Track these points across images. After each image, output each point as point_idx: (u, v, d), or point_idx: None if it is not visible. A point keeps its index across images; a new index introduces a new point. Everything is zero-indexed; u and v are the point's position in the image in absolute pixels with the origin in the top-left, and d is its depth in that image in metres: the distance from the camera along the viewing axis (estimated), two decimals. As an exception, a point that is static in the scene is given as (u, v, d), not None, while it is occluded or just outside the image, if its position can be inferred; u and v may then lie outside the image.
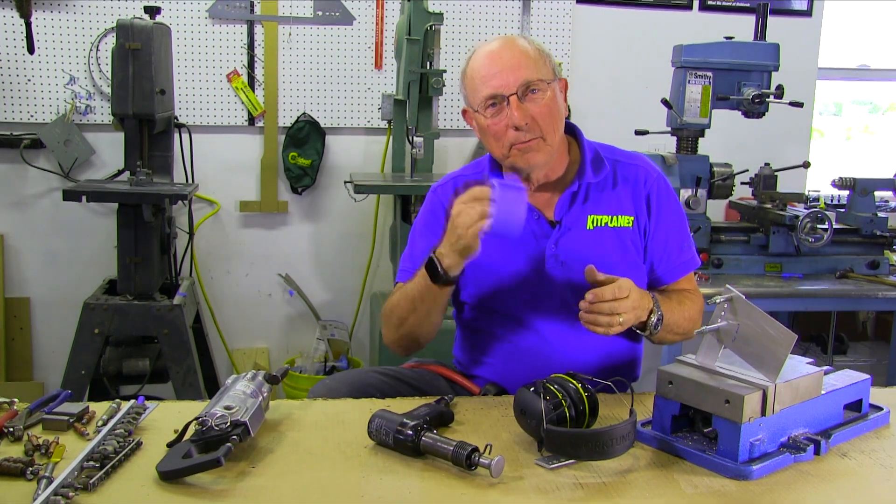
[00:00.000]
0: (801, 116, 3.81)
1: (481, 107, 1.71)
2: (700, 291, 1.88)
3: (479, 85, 1.70)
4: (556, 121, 1.73)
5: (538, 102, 1.68)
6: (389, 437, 1.37)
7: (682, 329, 1.74)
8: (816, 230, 3.00)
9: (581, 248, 1.74)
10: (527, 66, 1.68)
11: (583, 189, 1.78)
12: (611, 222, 1.77)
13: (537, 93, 1.68)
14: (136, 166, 2.93)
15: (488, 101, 1.69)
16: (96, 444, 1.30)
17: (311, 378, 3.45)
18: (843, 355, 3.89)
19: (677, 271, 1.83)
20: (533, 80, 1.68)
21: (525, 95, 1.68)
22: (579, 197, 1.78)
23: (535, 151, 1.71)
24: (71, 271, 3.59)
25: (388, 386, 1.75)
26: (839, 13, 4.25)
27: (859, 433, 1.50)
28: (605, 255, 1.74)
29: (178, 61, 3.44)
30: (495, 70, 1.68)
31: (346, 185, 3.49)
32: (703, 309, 1.83)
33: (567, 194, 1.77)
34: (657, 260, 1.81)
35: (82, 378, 2.82)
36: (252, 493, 1.23)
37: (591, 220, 1.77)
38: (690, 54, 3.04)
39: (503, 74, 1.67)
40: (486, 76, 1.69)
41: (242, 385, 1.44)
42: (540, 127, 1.69)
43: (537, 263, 1.75)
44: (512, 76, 1.67)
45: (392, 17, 3.67)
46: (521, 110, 1.67)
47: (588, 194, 1.78)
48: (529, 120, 1.67)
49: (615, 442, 1.32)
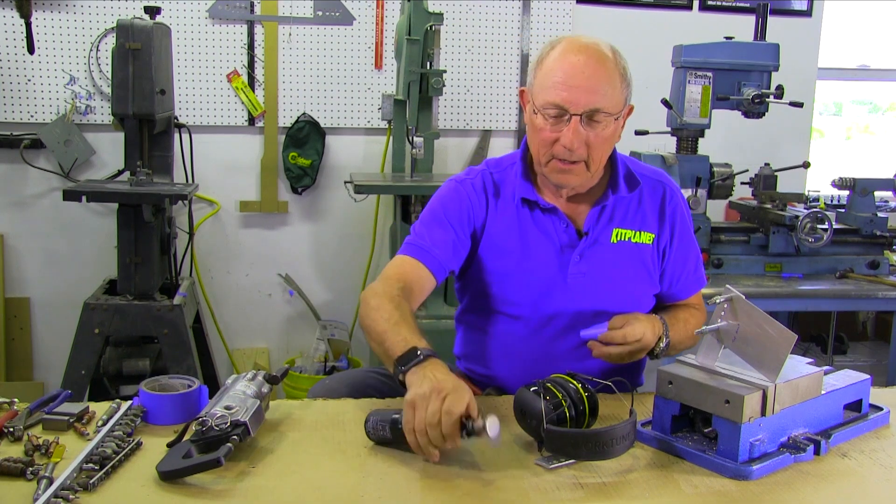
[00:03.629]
0: (801, 116, 3.81)
1: (542, 109, 1.65)
2: (704, 307, 1.90)
3: (549, 87, 1.63)
4: (606, 152, 1.71)
5: (597, 131, 1.64)
6: (387, 430, 1.37)
7: (684, 346, 1.77)
8: (816, 230, 3.00)
9: (603, 260, 1.75)
10: (604, 92, 1.62)
11: (611, 203, 1.77)
12: (634, 238, 1.77)
13: (601, 122, 1.63)
14: (136, 166, 2.93)
15: (551, 108, 1.63)
16: (96, 445, 1.30)
17: (311, 378, 3.45)
18: (843, 355, 3.88)
19: (691, 288, 1.88)
20: (603, 109, 1.62)
21: (588, 121, 1.63)
22: (607, 210, 1.77)
23: (574, 175, 1.69)
24: (71, 271, 3.59)
25: (388, 386, 1.75)
26: (839, 13, 4.25)
27: (859, 433, 1.50)
28: (625, 269, 1.76)
29: (178, 61, 3.44)
30: (572, 83, 1.61)
31: (346, 185, 3.49)
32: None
33: (598, 207, 1.76)
34: (675, 279, 1.84)
35: (82, 378, 2.81)
36: (252, 493, 1.23)
37: (616, 233, 1.77)
38: (690, 54, 3.05)
39: (576, 91, 1.61)
40: (560, 84, 1.62)
41: (242, 385, 1.44)
42: (589, 153, 1.66)
43: (560, 271, 1.74)
44: (584, 98, 1.61)
45: (392, 17, 3.67)
46: (578, 135, 1.62)
47: (615, 208, 1.78)
48: (581, 146, 1.64)
49: (615, 442, 1.32)
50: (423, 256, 1.72)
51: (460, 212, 1.77)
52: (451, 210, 1.78)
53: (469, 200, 1.78)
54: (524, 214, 1.77)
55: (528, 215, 1.77)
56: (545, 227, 1.76)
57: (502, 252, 1.77)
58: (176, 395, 1.47)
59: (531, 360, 1.75)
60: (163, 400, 1.46)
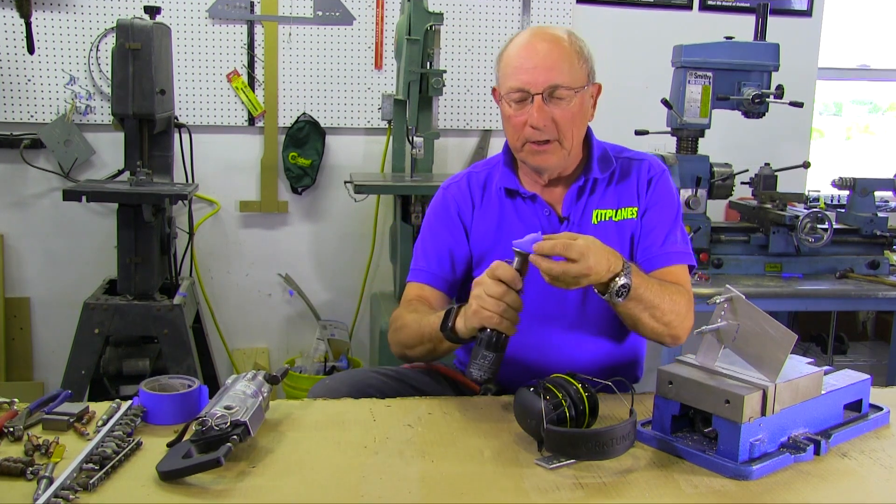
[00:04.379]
0: (801, 116, 3.81)
1: (507, 96, 1.71)
2: (692, 291, 1.77)
3: (509, 73, 1.70)
4: (577, 127, 1.72)
5: (562, 107, 1.68)
6: (483, 346, 1.48)
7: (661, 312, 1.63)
8: (816, 230, 3.00)
9: None
10: (560, 69, 1.67)
11: (589, 184, 1.79)
12: (615, 216, 1.78)
13: (563, 98, 1.67)
14: (136, 166, 2.93)
15: (514, 94, 1.69)
16: (96, 445, 1.30)
17: (311, 378, 3.45)
18: (843, 355, 3.88)
19: (658, 260, 1.76)
20: (562, 84, 1.66)
21: (550, 98, 1.67)
22: (585, 191, 1.79)
23: (549, 154, 1.71)
24: (71, 271, 3.59)
25: (388, 386, 1.75)
26: (839, 13, 4.25)
27: (859, 433, 1.50)
28: None
29: (178, 61, 3.44)
30: (529, 65, 1.67)
31: (346, 185, 3.49)
32: (692, 307, 1.73)
33: (574, 188, 1.78)
34: (644, 242, 1.77)
35: (82, 378, 2.81)
36: (252, 493, 1.23)
37: (597, 214, 1.78)
38: (690, 54, 3.05)
39: (534, 72, 1.66)
40: (518, 68, 1.68)
41: (242, 385, 1.44)
42: (559, 131, 1.69)
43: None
44: (542, 76, 1.66)
45: (392, 17, 3.67)
46: (542, 112, 1.66)
47: (594, 189, 1.79)
48: (549, 122, 1.67)
49: (615, 442, 1.32)
50: (429, 279, 1.82)
51: (449, 217, 1.84)
52: (441, 219, 1.86)
53: (455, 202, 1.85)
54: (507, 205, 1.82)
55: (510, 205, 1.81)
56: (527, 215, 1.80)
57: (488, 244, 1.82)
58: (176, 395, 1.47)
59: (523, 350, 1.73)
60: (163, 400, 1.46)
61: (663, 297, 1.64)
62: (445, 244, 1.83)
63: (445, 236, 1.84)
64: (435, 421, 1.52)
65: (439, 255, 1.83)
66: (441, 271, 1.82)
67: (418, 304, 1.80)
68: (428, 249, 1.85)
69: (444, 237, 1.84)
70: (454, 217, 1.84)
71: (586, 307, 1.78)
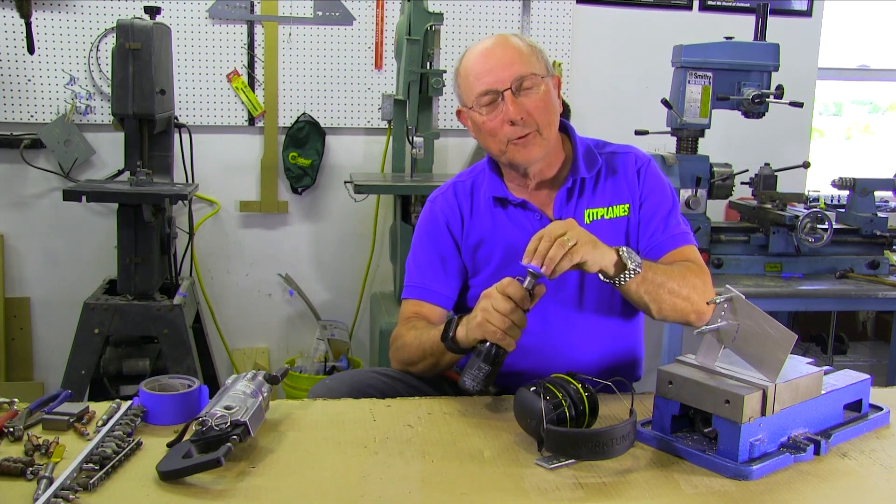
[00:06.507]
0: (801, 116, 3.81)
1: (476, 104, 1.72)
2: (706, 268, 1.78)
3: (473, 82, 1.72)
4: (551, 114, 1.74)
5: (532, 97, 1.70)
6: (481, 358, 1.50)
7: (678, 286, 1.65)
8: (816, 230, 3.00)
9: None
10: (520, 61, 1.70)
11: (577, 184, 1.79)
12: (606, 214, 1.79)
13: (531, 87, 1.70)
14: (136, 166, 2.93)
15: (483, 98, 1.70)
16: (96, 445, 1.30)
17: (311, 378, 3.45)
18: (843, 355, 3.88)
19: (665, 245, 1.77)
20: (526, 75, 1.69)
21: (519, 90, 1.69)
22: (574, 193, 1.79)
23: (533, 145, 1.72)
24: (71, 271, 3.60)
25: (388, 386, 1.75)
26: (839, 13, 4.25)
27: (859, 433, 1.50)
28: None
29: (178, 61, 3.44)
30: (489, 67, 1.70)
31: (346, 185, 3.49)
32: (709, 282, 1.74)
33: (563, 191, 1.79)
34: (646, 231, 1.79)
35: (82, 378, 2.82)
36: (252, 493, 1.23)
37: (588, 214, 1.78)
38: (690, 54, 3.05)
39: (497, 71, 1.69)
40: (480, 73, 1.71)
41: (242, 385, 1.44)
42: (535, 121, 1.70)
43: None
44: (505, 72, 1.69)
45: (392, 17, 3.67)
46: (516, 105, 1.68)
47: (583, 189, 1.80)
48: (525, 114, 1.69)
49: (615, 442, 1.32)
50: (424, 294, 1.83)
51: (439, 231, 1.85)
52: (431, 233, 1.86)
53: (444, 214, 1.85)
54: (498, 213, 1.82)
55: (502, 213, 1.82)
56: (520, 222, 1.80)
57: (483, 253, 1.82)
58: (176, 395, 1.47)
59: (527, 355, 1.73)
60: (163, 400, 1.46)
61: (673, 274, 1.66)
62: (437, 258, 1.84)
63: (437, 250, 1.84)
64: (435, 421, 1.52)
65: (433, 269, 1.83)
66: (435, 286, 1.83)
67: (416, 320, 1.81)
68: (421, 264, 1.85)
69: (435, 251, 1.84)
70: (443, 230, 1.85)
71: (586, 307, 1.78)
